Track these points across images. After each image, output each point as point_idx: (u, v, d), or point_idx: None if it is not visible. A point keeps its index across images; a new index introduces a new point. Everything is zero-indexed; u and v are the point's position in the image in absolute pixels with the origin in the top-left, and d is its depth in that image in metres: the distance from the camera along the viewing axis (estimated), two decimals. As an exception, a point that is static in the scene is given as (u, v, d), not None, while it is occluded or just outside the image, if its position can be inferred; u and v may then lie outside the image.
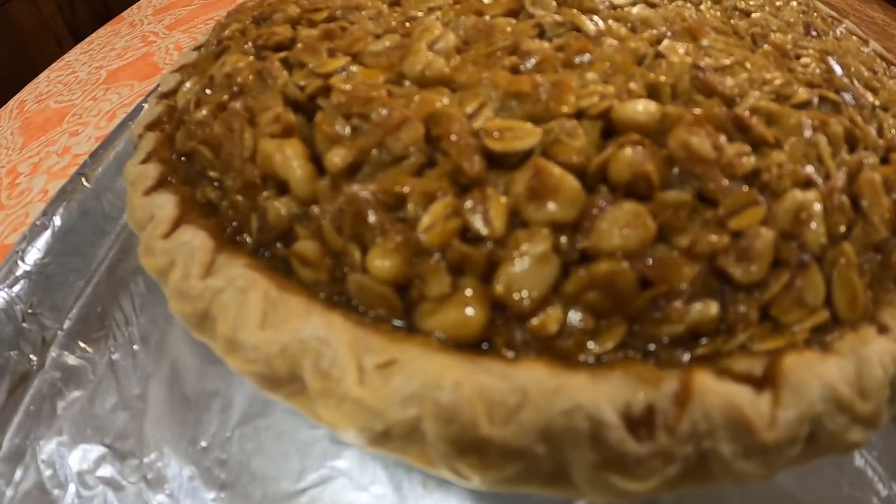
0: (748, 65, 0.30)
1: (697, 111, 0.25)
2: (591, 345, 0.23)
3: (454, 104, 0.27)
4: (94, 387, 0.41)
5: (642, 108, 0.25)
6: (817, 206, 0.24)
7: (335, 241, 0.26)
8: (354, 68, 0.31)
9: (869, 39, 0.41)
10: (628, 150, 0.24)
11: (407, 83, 0.29)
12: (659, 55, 0.29)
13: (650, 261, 0.23)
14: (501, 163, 0.25)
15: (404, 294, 0.25)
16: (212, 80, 0.38)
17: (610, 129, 0.26)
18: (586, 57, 0.28)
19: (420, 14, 0.37)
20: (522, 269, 0.23)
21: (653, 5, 0.36)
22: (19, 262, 0.45)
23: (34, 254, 0.46)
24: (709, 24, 0.33)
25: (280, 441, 0.37)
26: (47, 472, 0.37)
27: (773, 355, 0.23)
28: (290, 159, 0.28)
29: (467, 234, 0.24)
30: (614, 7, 0.35)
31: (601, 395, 0.21)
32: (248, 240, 0.30)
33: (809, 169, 0.25)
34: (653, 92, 0.27)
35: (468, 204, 0.24)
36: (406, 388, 0.21)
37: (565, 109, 0.26)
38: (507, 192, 0.24)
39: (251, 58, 0.36)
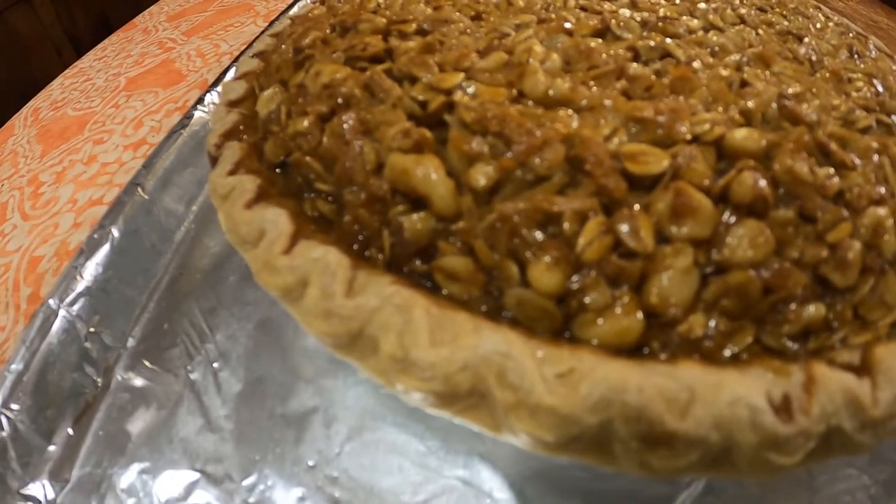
0: (814, 90, 0.32)
1: (793, 138, 0.27)
2: (728, 345, 0.25)
3: (589, 127, 0.27)
4: (172, 409, 0.37)
5: (749, 136, 0.27)
6: (890, 221, 0.27)
7: (488, 257, 0.26)
8: (472, 85, 0.30)
9: (893, 55, 0.41)
10: (747, 174, 0.26)
11: (529, 103, 0.29)
12: (745, 83, 0.31)
13: (771, 271, 0.25)
14: (636, 184, 0.26)
15: (561, 306, 0.25)
16: (303, 90, 0.35)
17: (721, 153, 0.27)
18: (687, 84, 0.30)
19: (509, 30, 0.35)
20: (670, 281, 0.24)
21: (720, 29, 0.37)
22: (78, 278, 0.40)
23: (92, 269, 0.41)
24: (775, 51, 0.35)
25: (394, 454, 0.34)
26: (130, 502, 0.34)
27: (865, 347, 0.26)
28: (432, 175, 0.27)
29: (619, 250, 0.25)
30: (691, 31, 0.35)
31: (751, 387, 0.23)
32: (379, 256, 0.28)
33: (881, 188, 0.28)
34: (747, 119, 0.29)
35: (619, 221, 0.25)
36: (594, 393, 0.22)
37: (685, 135, 0.27)
38: (648, 212, 0.25)
39: (348, 69, 0.34)
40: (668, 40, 0.33)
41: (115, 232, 0.43)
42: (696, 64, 0.31)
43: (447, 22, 0.37)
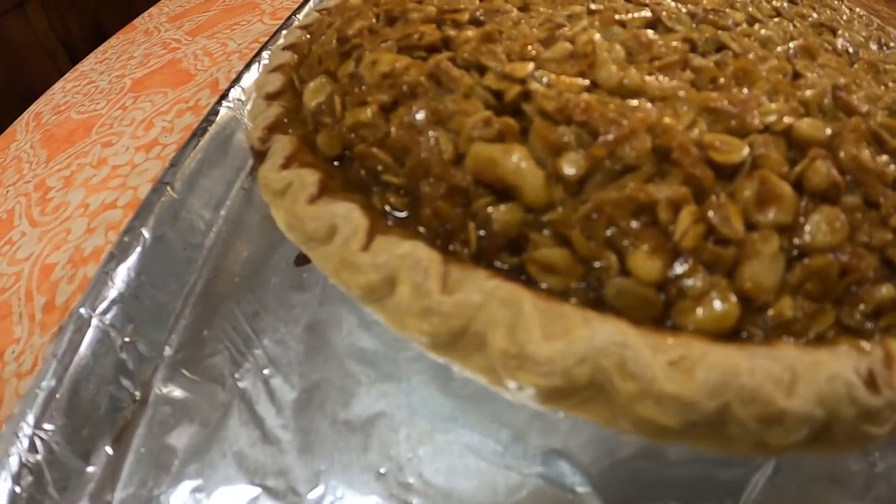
0: (858, 81, 0.32)
1: (852, 128, 0.28)
2: (813, 325, 0.25)
3: (669, 117, 0.26)
4: (221, 420, 0.33)
5: (815, 125, 0.27)
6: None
7: (586, 247, 0.24)
8: (545, 75, 0.28)
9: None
10: (820, 163, 0.26)
11: (603, 93, 0.27)
12: (797, 74, 0.31)
13: (846, 254, 0.25)
14: (720, 173, 0.25)
15: (661, 294, 0.24)
16: (357, 79, 0.31)
17: (790, 143, 0.27)
18: (748, 75, 0.29)
19: (562, 21, 0.33)
20: (761, 266, 0.24)
21: (762, 22, 0.36)
22: (109, 284, 0.36)
23: (124, 273, 0.37)
24: (817, 43, 0.34)
25: (469, 455, 0.31)
26: (182, 524, 0.31)
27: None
28: (522, 165, 0.25)
29: (712, 237, 0.24)
30: (737, 24, 0.35)
31: (843, 364, 0.23)
32: (465, 250, 0.26)
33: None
34: (807, 109, 0.29)
35: (710, 209, 0.24)
36: (711, 378, 0.22)
37: (757, 126, 0.27)
38: (734, 200, 0.25)
39: (408, 58, 0.31)
40: (720, 32, 0.33)
41: (146, 233, 0.39)
42: (752, 56, 0.31)
43: (499, 12, 0.34)
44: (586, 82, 0.28)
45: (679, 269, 0.24)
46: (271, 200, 0.30)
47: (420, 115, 0.28)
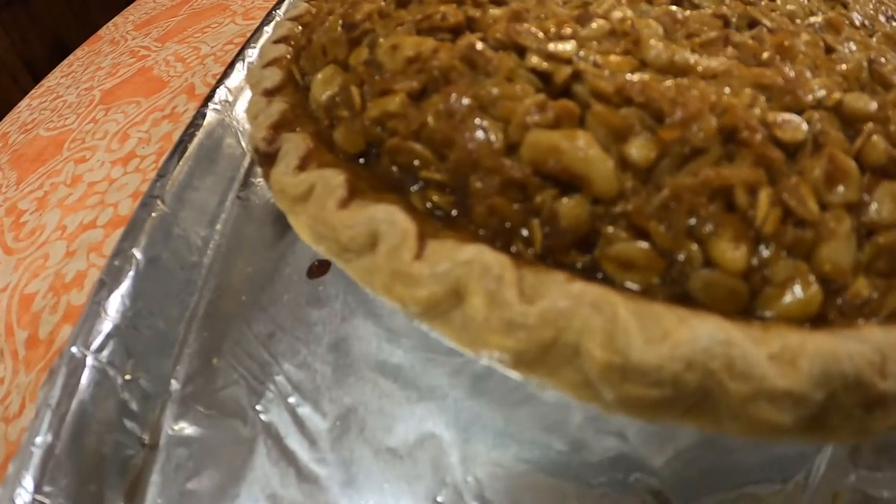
0: (883, 54, 0.30)
1: (893, 101, 0.25)
2: (885, 304, 0.23)
3: (731, 95, 0.23)
4: (247, 459, 0.27)
5: (862, 99, 0.25)
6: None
7: (665, 239, 0.21)
8: (590, 54, 0.24)
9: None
10: (877, 138, 0.24)
11: (652, 72, 0.24)
12: (830, 48, 0.29)
13: None
14: (784, 152, 0.23)
15: (746, 284, 0.21)
16: (374, 67, 0.26)
17: (841, 118, 0.25)
18: (788, 51, 0.27)
19: None
20: (837, 247, 0.22)
21: None
22: (102, 315, 0.29)
23: (117, 302, 0.30)
24: (839, 17, 0.32)
25: (532, 469, 0.27)
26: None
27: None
28: (590, 152, 0.21)
29: (790, 220, 0.22)
30: None
31: None
32: (529, 250, 0.22)
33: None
34: (848, 84, 0.27)
35: (785, 191, 0.22)
36: (815, 369, 0.20)
37: (810, 101, 0.24)
38: (804, 179, 0.22)
39: (433, 40, 0.26)
40: (749, 7, 0.30)
41: (138, 255, 0.33)
42: (790, 34, 0.28)
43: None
44: (635, 62, 0.24)
45: (763, 255, 0.21)
46: (289, 208, 0.25)
47: (462, 102, 0.23)
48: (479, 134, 0.22)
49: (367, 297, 0.32)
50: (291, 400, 0.29)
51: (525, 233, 0.22)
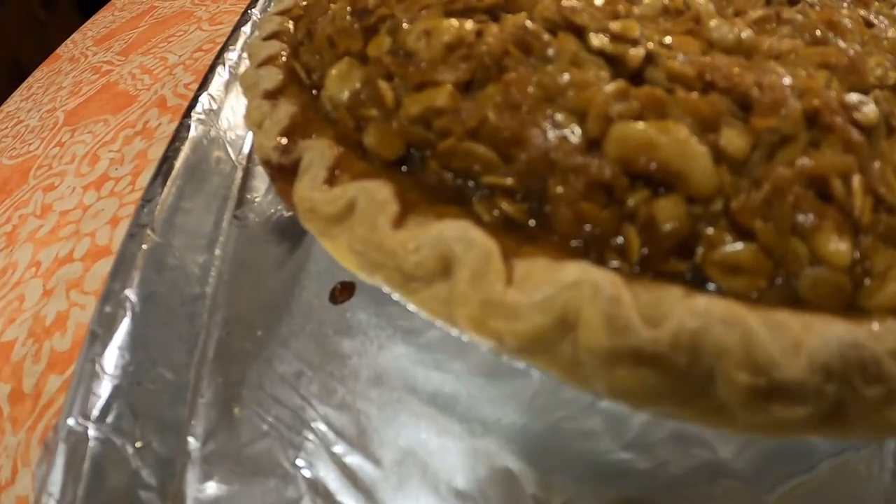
0: None
1: None
2: None
3: (807, 77, 0.20)
4: None
5: None
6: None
7: (772, 238, 0.18)
8: (656, 34, 0.21)
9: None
10: None
11: (719, 53, 0.21)
12: (868, 23, 0.26)
13: None
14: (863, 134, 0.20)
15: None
16: (405, 57, 0.21)
17: None
18: (836, 27, 0.25)
19: None
20: None
21: None
22: (99, 375, 0.23)
23: (114, 356, 0.24)
24: None
25: (621, 490, 0.23)
26: None
27: None
28: (689, 146, 0.17)
29: (880, 208, 0.19)
30: None
31: None
32: (622, 261, 0.18)
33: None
34: (894, 59, 0.24)
35: (873, 177, 0.19)
36: None
37: (873, 81, 0.22)
38: (886, 163, 0.20)
39: (471, 23, 0.21)
40: None
41: (132, 296, 0.26)
42: (831, 9, 0.26)
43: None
44: (703, 42, 0.21)
45: (862, 246, 0.19)
46: (322, 230, 0.20)
47: (527, 93, 0.18)
48: (554, 129, 0.18)
49: (403, 319, 0.27)
50: (337, 449, 0.23)
51: (618, 241, 0.18)
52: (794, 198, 0.18)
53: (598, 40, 0.19)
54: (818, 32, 0.23)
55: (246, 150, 0.38)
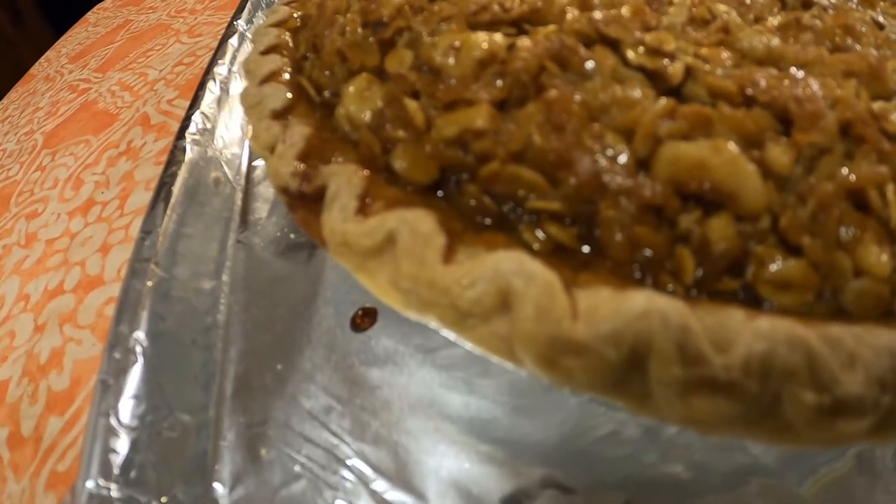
0: None
1: None
2: None
3: (837, 87, 0.20)
4: None
5: None
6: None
7: (819, 253, 0.17)
8: (690, 47, 0.20)
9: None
10: None
11: (751, 63, 0.20)
12: (878, 24, 0.26)
13: None
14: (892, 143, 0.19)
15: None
16: (432, 73, 0.20)
17: None
18: (852, 31, 0.24)
19: None
20: None
21: None
22: (116, 428, 0.21)
23: (129, 407, 0.22)
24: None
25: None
26: None
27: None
28: (741, 166, 0.17)
29: None
30: None
31: None
32: (674, 283, 0.17)
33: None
34: None
35: None
36: None
37: (893, 86, 0.22)
38: None
39: (502, 36, 0.20)
40: None
41: (141, 338, 0.24)
42: (841, 11, 0.25)
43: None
44: (736, 54, 0.20)
45: None
46: (358, 264, 0.18)
47: (571, 112, 0.17)
48: (601, 150, 0.16)
49: (431, 344, 0.25)
50: (376, 486, 0.21)
51: (670, 264, 0.16)
52: (838, 212, 0.17)
53: (636, 55, 0.18)
54: (837, 39, 0.23)
55: (244, 168, 0.36)
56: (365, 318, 0.25)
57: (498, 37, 0.19)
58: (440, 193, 0.18)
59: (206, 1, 0.62)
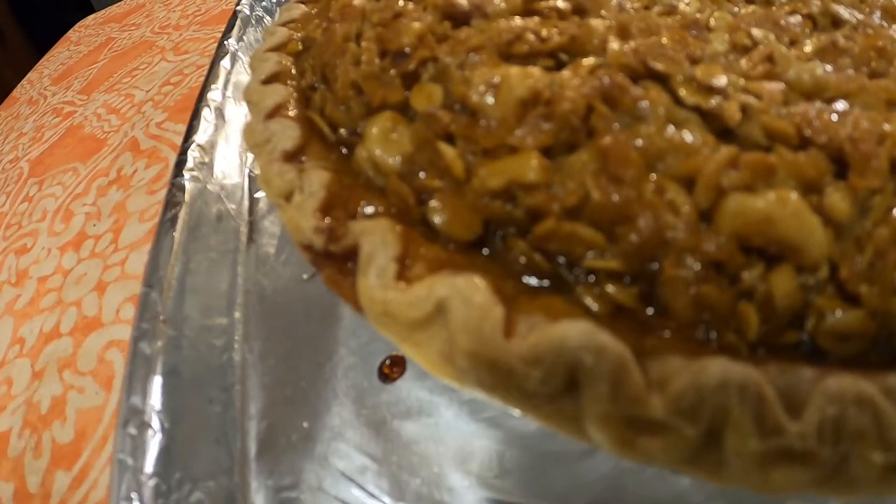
0: None
1: None
2: None
3: (884, 120, 0.19)
4: None
5: None
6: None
7: (875, 300, 0.16)
8: (739, 80, 0.18)
9: None
10: None
11: (798, 96, 0.19)
12: None
13: None
14: None
15: None
16: (468, 114, 0.18)
17: None
18: (885, 53, 0.23)
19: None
20: None
21: None
22: None
23: (151, 486, 0.20)
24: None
25: None
26: None
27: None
28: (806, 219, 0.16)
29: None
30: None
31: None
32: (736, 338, 0.16)
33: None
34: None
35: None
36: None
37: None
38: None
39: (540, 71, 0.18)
40: (836, 6, 0.25)
41: (157, 410, 0.21)
42: (871, 30, 0.24)
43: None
44: (780, 86, 0.19)
45: None
46: (405, 336, 0.16)
47: (628, 161, 0.15)
48: (662, 203, 0.15)
49: (466, 394, 0.23)
50: None
51: (733, 321, 0.15)
52: (894, 258, 0.16)
53: (689, 93, 0.16)
54: (874, 63, 0.22)
55: (246, 201, 0.33)
56: (394, 368, 0.23)
57: (538, 72, 0.17)
58: (485, 251, 0.16)
59: (191, 16, 0.59)
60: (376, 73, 0.20)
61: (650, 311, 0.15)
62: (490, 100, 0.16)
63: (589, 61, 0.17)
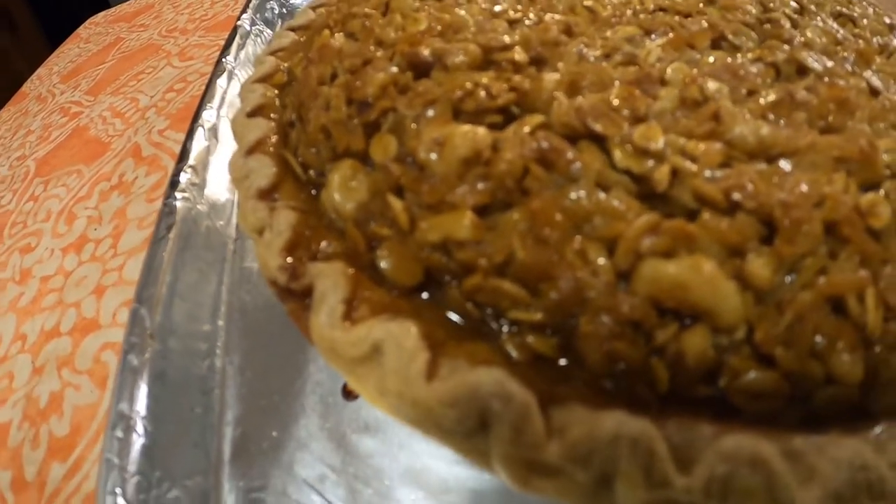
0: None
1: None
2: None
3: (818, 182, 0.19)
4: None
5: None
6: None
7: (791, 363, 0.17)
8: (677, 140, 0.19)
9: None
10: None
11: (741, 156, 0.20)
12: (873, 90, 0.25)
13: None
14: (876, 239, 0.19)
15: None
16: (417, 168, 0.19)
17: None
18: (847, 105, 0.23)
19: (629, 49, 0.23)
20: None
21: (803, 27, 0.29)
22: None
23: (134, 483, 0.22)
24: (870, 48, 0.29)
25: None
26: None
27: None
28: (720, 284, 0.17)
29: (889, 317, 0.18)
30: (793, 34, 0.27)
31: None
32: (648, 391, 0.17)
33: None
34: None
35: (887, 288, 0.18)
36: None
37: (884, 171, 0.21)
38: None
39: (484, 130, 0.19)
40: (788, 48, 0.25)
41: (143, 415, 0.24)
42: (839, 79, 0.24)
43: (551, 42, 0.24)
44: (724, 148, 0.19)
45: (873, 358, 0.18)
46: (348, 370, 0.18)
47: (554, 223, 0.17)
48: (583, 264, 0.17)
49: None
50: None
51: (646, 376, 0.17)
52: (814, 322, 0.17)
53: (622, 156, 0.18)
54: (831, 117, 0.22)
55: (234, 218, 0.36)
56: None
57: (482, 132, 0.19)
58: (425, 295, 0.18)
59: (198, 21, 0.61)
60: (343, 120, 0.22)
61: (566, 361, 0.16)
62: (435, 157, 0.18)
63: (533, 119, 0.19)
